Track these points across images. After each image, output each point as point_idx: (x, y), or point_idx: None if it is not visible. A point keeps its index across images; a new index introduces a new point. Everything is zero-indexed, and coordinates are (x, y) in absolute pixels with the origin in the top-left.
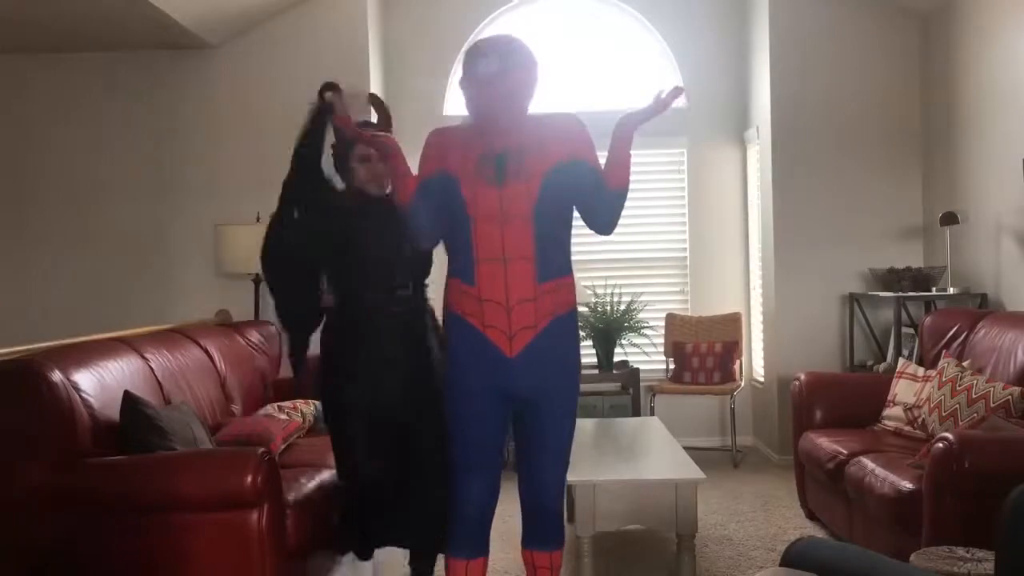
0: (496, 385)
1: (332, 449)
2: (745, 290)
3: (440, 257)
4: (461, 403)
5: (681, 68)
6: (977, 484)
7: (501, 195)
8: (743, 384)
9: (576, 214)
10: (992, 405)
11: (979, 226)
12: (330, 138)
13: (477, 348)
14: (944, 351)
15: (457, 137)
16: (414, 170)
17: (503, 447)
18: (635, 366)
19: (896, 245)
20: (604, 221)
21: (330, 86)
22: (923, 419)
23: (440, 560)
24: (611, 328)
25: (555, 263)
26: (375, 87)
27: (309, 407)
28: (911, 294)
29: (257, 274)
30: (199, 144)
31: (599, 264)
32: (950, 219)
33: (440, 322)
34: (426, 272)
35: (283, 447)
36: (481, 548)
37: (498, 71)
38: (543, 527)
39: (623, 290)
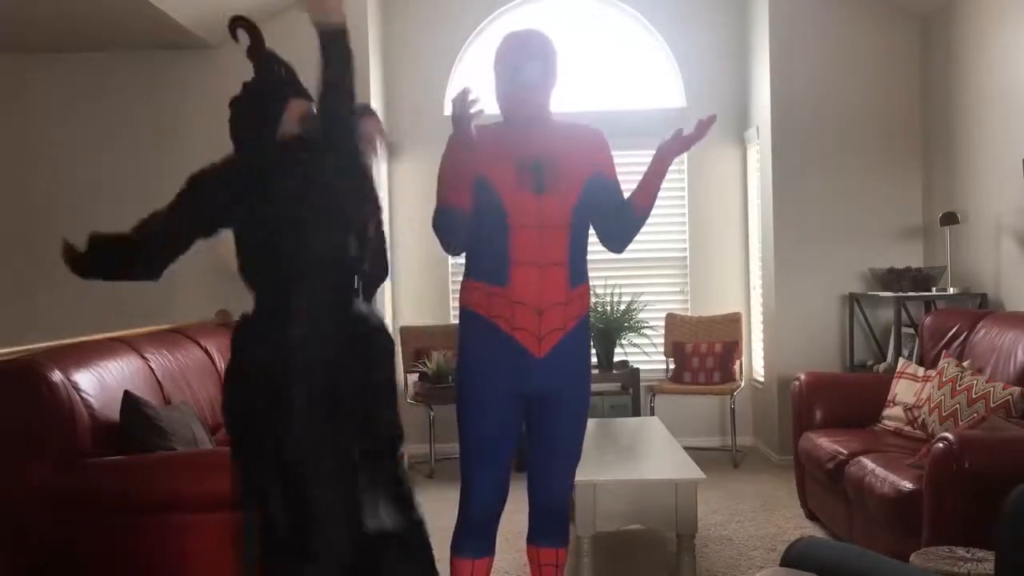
0: (518, 384)
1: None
2: (745, 290)
3: (437, 255)
4: (477, 402)
5: (681, 68)
6: (977, 484)
7: (540, 203)
8: (743, 384)
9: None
10: (992, 405)
11: (979, 226)
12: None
13: (502, 349)
14: (944, 351)
15: (484, 138)
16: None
17: (514, 447)
18: (635, 366)
19: (896, 245)
20: (621, 242)
21: (239, 21)
22: (923, 419)
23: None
24: (611, 328)
25: (580, 269)
26: (375, 87)
27: None
28: (911, 294)
29: None
30: (199, 144)
31: (599, 264)
32: (950, 219)
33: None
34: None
35: None
36: (488, 548)
37: (541, 76)
38: (552, 524)
39: (623, 290)
